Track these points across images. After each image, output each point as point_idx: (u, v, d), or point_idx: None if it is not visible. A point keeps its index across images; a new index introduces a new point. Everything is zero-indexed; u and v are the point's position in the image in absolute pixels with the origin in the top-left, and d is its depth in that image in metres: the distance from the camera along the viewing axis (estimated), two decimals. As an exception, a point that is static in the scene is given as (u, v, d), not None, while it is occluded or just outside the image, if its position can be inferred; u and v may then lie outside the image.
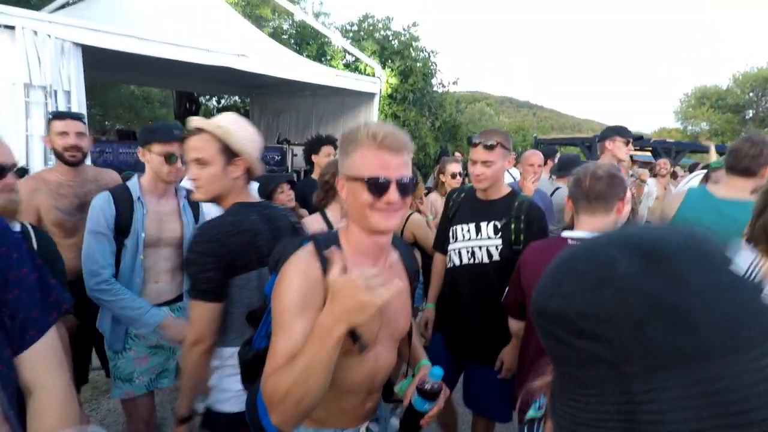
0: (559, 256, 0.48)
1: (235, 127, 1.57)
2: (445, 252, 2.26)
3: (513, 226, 2.06)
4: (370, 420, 1.27)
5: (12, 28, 3.62)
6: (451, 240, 2.20)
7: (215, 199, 1.59)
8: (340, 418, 1.19)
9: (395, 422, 1.31)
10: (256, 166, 1.62)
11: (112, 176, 2.50)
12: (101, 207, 1.94)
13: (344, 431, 1.21)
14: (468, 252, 2.15)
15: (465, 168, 4.47)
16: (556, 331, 0.45)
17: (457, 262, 2.17)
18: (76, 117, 2.37)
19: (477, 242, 2.13)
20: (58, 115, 2.39)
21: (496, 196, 2.14)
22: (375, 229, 1.09)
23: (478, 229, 2.13)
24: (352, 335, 1.04)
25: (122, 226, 1.96)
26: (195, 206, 2.21)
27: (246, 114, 10.89)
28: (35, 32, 3.68)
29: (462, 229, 2.17)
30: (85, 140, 2.31)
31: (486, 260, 2.10)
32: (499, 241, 2.07)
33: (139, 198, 2.00)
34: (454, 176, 3.92)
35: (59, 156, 2.27)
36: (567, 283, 0.45)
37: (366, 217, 1.08)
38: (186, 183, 2.94)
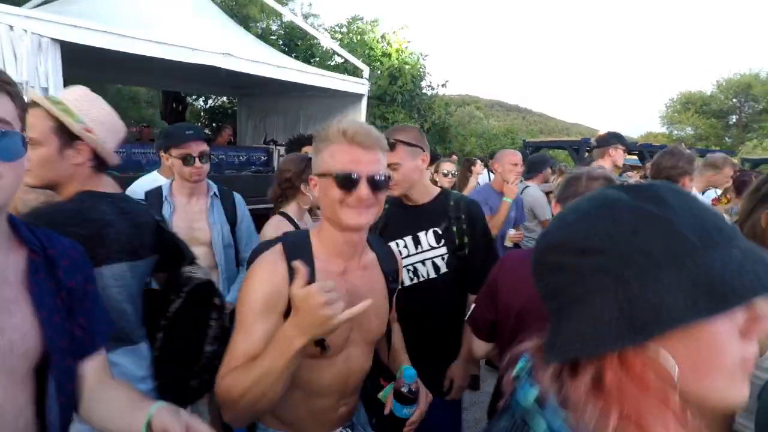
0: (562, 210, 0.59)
1: (80, 106, 1.34)
2: None
3: (455, 228, 1.76)
4: (344, 426, 1.23)
5: (-13, 22, 3.51)
6: None
7: (50, 186, 1.36)
8: (311, 422, 1.16)
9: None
10: (107, 153, 1.39)
11: None
12: None
13: None
14: (409, 272, 1.81)
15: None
16: (560, 258, 0.53)
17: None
18: None
19: (418, 257, 1.80)
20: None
21: (426, 199, 1.82)
22: (346, 226, 1.07)
23: (417, 241, 1.80)
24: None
25: None
26: (230, 205, 2.23)
27: (233, 115, 10.77)
28: (11, 27, 3.57)
29: (398, 246, 1.80)
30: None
31: (433, 275, 1.79)
32: (444, 249, 1.77)
33: (166, 198, 2.10)
34: (446, 175, 3.90)
35: None
36: (569, 216, 0.55)
37: (337, 213, 1.06)
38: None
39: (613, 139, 3.17)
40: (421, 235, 1.80)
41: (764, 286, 0.45)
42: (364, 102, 6.86)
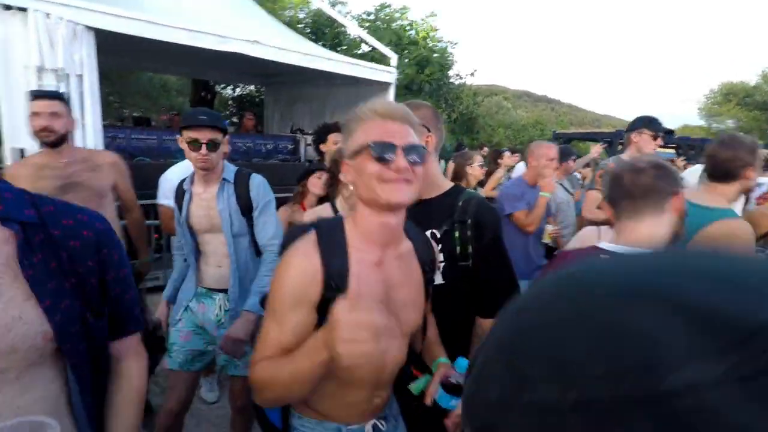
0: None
1: None
2: None
3: (457, 234, 1.46)
4: (378, 417, 1.20)
5: (24, 10, 3.59)
6: None
7: None
8: (344, 412, 1.15)
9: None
10: None
11: (107, 158, 2.46)
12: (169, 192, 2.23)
13: (349, 426, 1.16)
14: None
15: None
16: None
17: None
18: (53, 96, 2.27)
19: None
20: (35, 95, 2.28)
21: (431, 194, 1.51)
22: (386, 203, 1.02)
23: None
24: None
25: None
26: (245, 191, 2.15)
27: (260, 103, 10.84)
28: (47, 15, 3.64)
29: None
30: (60, 120, 2.21)
31: None
32: (441, 257, 1.45)
33: (187, 187, 2.13)
34: (481, 166, 3.78)
35: (36, 136, 2.21)
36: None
37: (374, 191, 1.01)
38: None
39: (637, 122, 2.80)
40: None
41: None
42: (392, 91, 6.77)
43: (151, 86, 18.08)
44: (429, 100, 10.48)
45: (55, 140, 2.21)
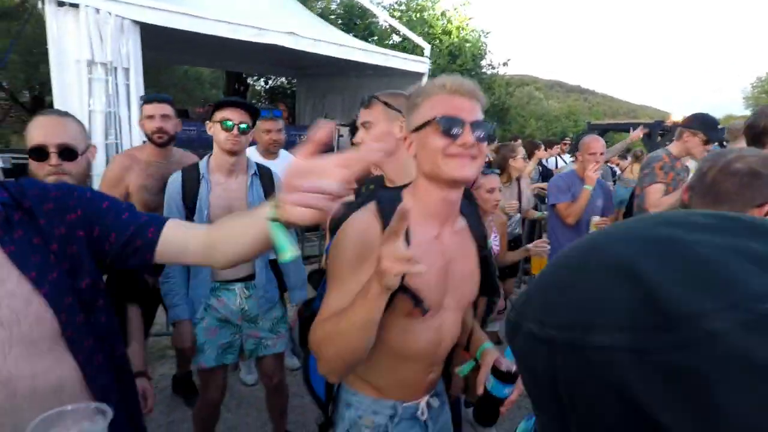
0: None
1: None
2: None
3: None
4: (431, 394, 1.22)
5: (76, 6, 3.74)
6: None
7: None
8: (400, 388, 1.15)
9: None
10: None
11: (192, 158, 2.50)
12: (170, 184, 2.01)
13: (404, 403, 1.16)
14: None
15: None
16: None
17: None
18: (163, 100, 2.41)
19: None
20: (146, 99, 2.45)
21: (404, 181, 1.42)
22: (450, 179, 1.01)
23: None
24: (414, 297, 1.00)
25: (189, 204, 1.98)
26: (269, 182, 2.13)
27: (293, 95, 10.96)
28: (97, 10, 3.78)
29: None
30: (170, 122, 2.36)
31: None
32: None
33: (203, 175, 2.00)
34: (523, 158, 3.70)
35: (149, 138, 2.36)
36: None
37: (439, 165, 1.00)
38: (251, 152, 2.93)
39: (696, 122, 2.66)
40: None
41: None
42: (425, 81, 6.73)
43: (187, 79, 18.51)
44: (460, 90, 10.34)
45: (167, 141, 2.36)
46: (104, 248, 0.94)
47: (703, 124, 2.66)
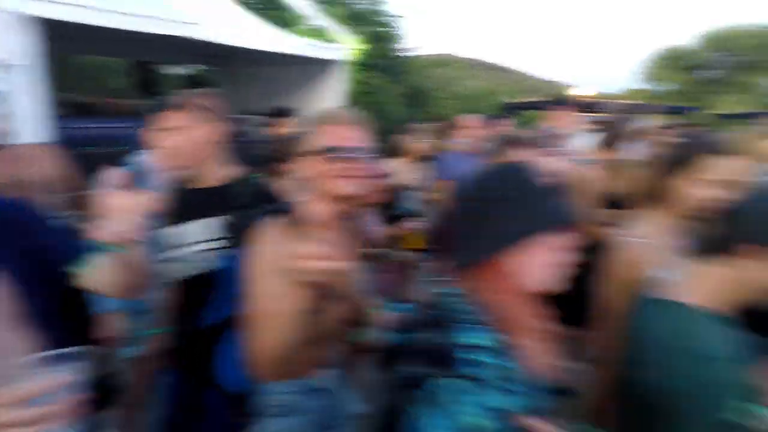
0: None
1: None
2: None
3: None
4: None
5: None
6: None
7: None
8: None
9: None
10: None
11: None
12: None
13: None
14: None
15: None
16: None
17: None
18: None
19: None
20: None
21: (210, 183, 1.57)
22: (337, 195, 1.19)
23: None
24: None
25: None
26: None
27: (212, 83, 10.52)
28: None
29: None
30: None
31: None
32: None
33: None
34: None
35: None
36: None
37: (326, 185, 1.18)
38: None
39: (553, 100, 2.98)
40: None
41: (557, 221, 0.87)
42: (343, 68, 6.80)
43: (91, 68, 17.01)
44: (384, 76, 10.50)
45: None
46: None
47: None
